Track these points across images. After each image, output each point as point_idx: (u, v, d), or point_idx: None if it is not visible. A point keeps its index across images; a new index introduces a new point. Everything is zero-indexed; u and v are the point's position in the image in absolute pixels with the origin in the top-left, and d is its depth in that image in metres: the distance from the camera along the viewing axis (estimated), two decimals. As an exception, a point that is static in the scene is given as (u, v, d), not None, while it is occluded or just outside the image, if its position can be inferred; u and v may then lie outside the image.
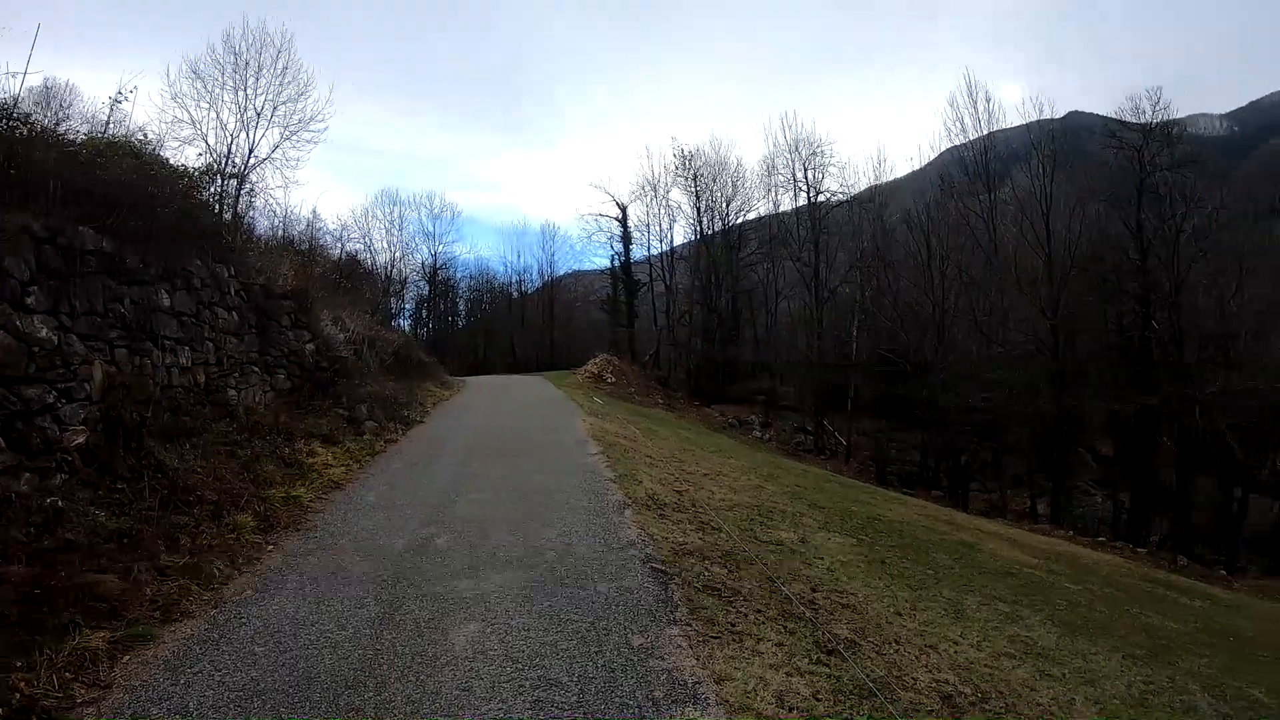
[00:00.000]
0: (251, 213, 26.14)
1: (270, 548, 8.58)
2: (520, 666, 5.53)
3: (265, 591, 7.18)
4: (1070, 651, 9.31)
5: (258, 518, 9.31)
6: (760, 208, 53.89)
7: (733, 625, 6.47)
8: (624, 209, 55.33)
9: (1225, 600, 18.91)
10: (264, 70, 26.90)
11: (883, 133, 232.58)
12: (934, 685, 6.20)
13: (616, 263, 56.79)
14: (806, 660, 5.88)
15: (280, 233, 30.25)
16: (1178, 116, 39.59)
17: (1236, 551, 29.64)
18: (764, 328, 54.96)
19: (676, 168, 53.93)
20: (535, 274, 71.60)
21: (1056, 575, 15.07)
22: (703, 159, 53.14)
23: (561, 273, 71.05)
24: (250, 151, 26.24)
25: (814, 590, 8.18)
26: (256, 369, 14.40)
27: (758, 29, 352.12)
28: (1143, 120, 36.67)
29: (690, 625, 6.34)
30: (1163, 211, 33.86)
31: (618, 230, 55.76)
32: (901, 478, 36.62)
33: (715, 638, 6.14)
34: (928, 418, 35.90)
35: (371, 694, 5.16)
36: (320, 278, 22.93)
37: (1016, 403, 33.60)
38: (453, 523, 9.71)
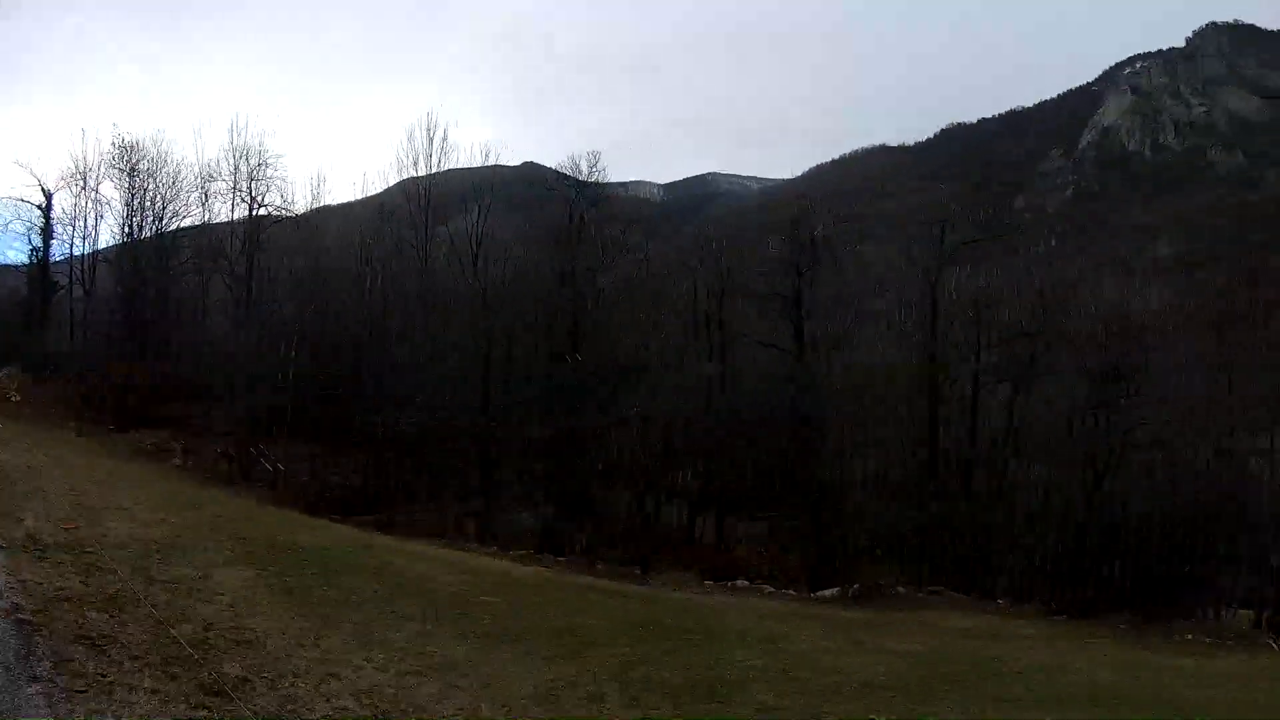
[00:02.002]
0: None
1: None
2: None
3: None
4: (482, 662, 10.07)
5: None
6: (196, 215, 50.54)
7: (103, 676, 6.14)
8: (49, 197, 48.69)
9: (639, 596, 21.56)
10: None
11: (341, 153, 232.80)
12: (332, 713, 6.41)
13: (34, 259, 49.79)
14: (186, 705, 5.78)
15: None
16: (626, 180, 46.26)
17: (651, 552, 33.12)
18: (196, 345, 51.07)
19: (114, 158, 48.28)
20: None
21: (478, 590, 16.11)
22: (142, 153, 48.14)
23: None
24: None
25: (208, 629, 8.02)
26: None
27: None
28: (580, 178, 41.88)
29: (55, 681, 5.96)
30: (586, 259, 38.87)
31: (39, 221, 48.82)
32: (336, 504, 36.48)
33: (81, 692, 5.83)
34: (364, 441, 36.38)
35: None
36: None
37: (451, 425, 35.38)
38: None
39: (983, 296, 36.45)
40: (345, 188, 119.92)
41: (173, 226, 49.66)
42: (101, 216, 51.07)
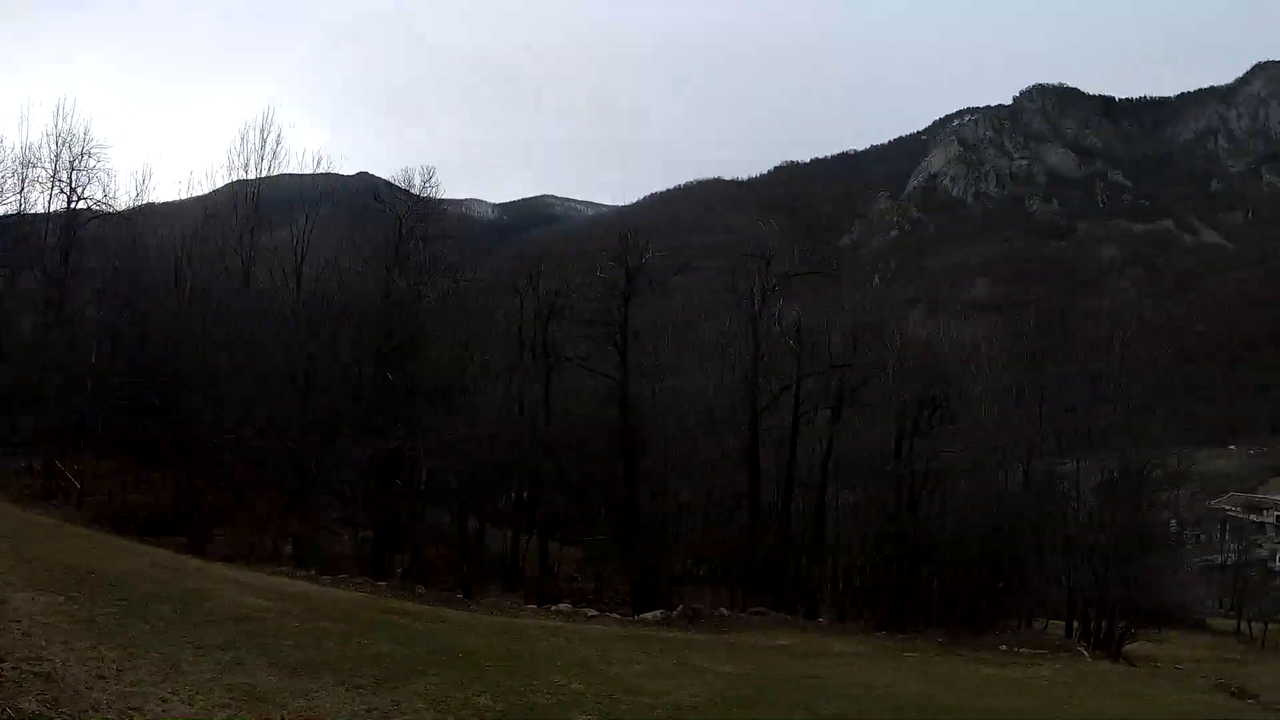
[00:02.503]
0: None
1: None
2: None
3: None
4: (293, 692, 9.87)
5: None
6: (11, 203, 45.73)
7: None
8: None
9: (459, 621, 21.56)
10: None
11: (174, 150, 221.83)
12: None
13: None
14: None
15: None
16: (460, 197, 45.90)
17: (474, 577, 33.74)
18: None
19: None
20: None
21: (290, 617, 15.86)
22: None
23: None
24: None
25: (2, 660, 7.72)
26: None
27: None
28: (413, 191, 41.41)
29: None
30: (412, 275, 38.49)
31: None
32: (145, 523, 34.66)
33: None
34: (176, 457, 34.62)
35: None
36: None
37: (268, 443, 34.18)
38: None
39: (805, 328, 38.13)
40: (173, 186, 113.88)
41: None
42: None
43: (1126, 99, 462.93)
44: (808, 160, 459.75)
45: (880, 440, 38.19)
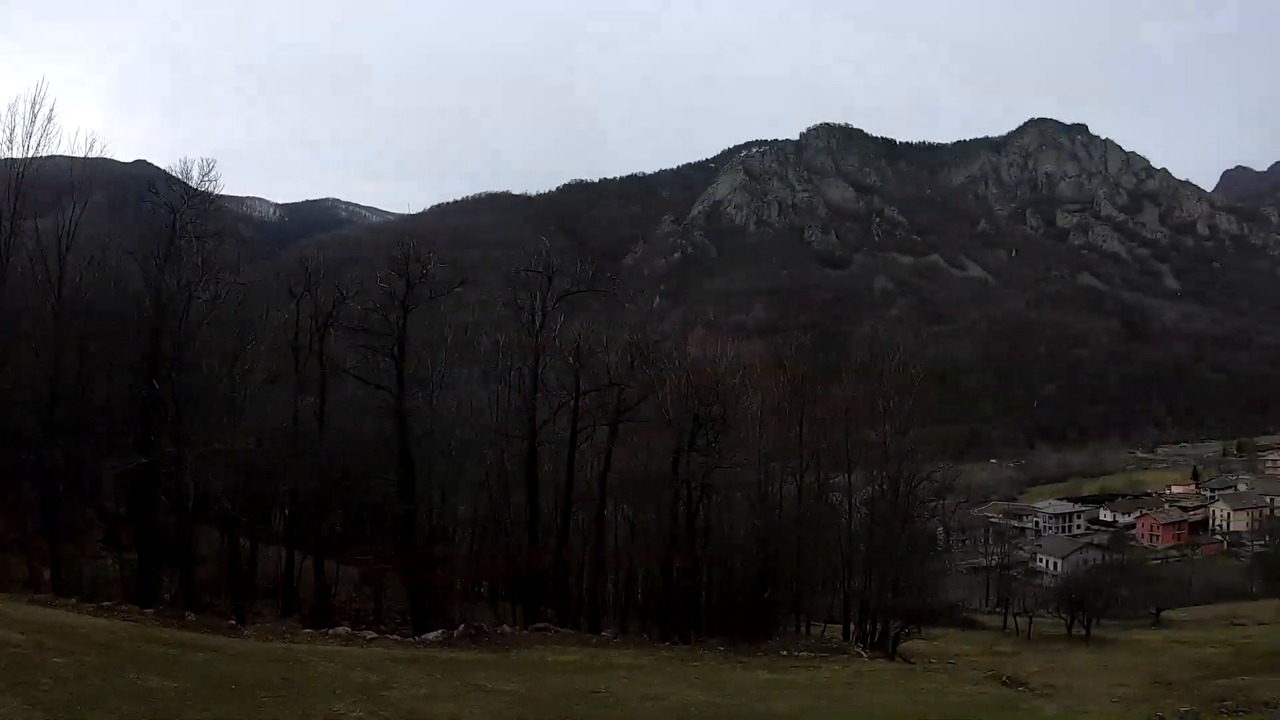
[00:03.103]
0: None
1: None
2: None
3: None
4: None
5: None
6: None
7: None
8: None
9: (232, 649, 20.64)
10: None
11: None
12: None
13: None
14: None
15: None
16: (243, 195, 43.79)
17: (248, 600, 32.78)
18: None
19: None
20: None
21: (46, 651, 14.80)
22: None
23: None
24: None
25: None
26: None
27: None
28: (190, 184, 39.26)
29: None
30: (183, 275, 36.71)
31: None
32: None
33: None
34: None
35: None
36: None
37: (12, 456, 32.06)
38: None
39: (585, 345, 38.74)
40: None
41: None
42: None
43: (907, 142, 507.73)
44: (597, 180, 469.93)
45: (659, 456, 39.65)
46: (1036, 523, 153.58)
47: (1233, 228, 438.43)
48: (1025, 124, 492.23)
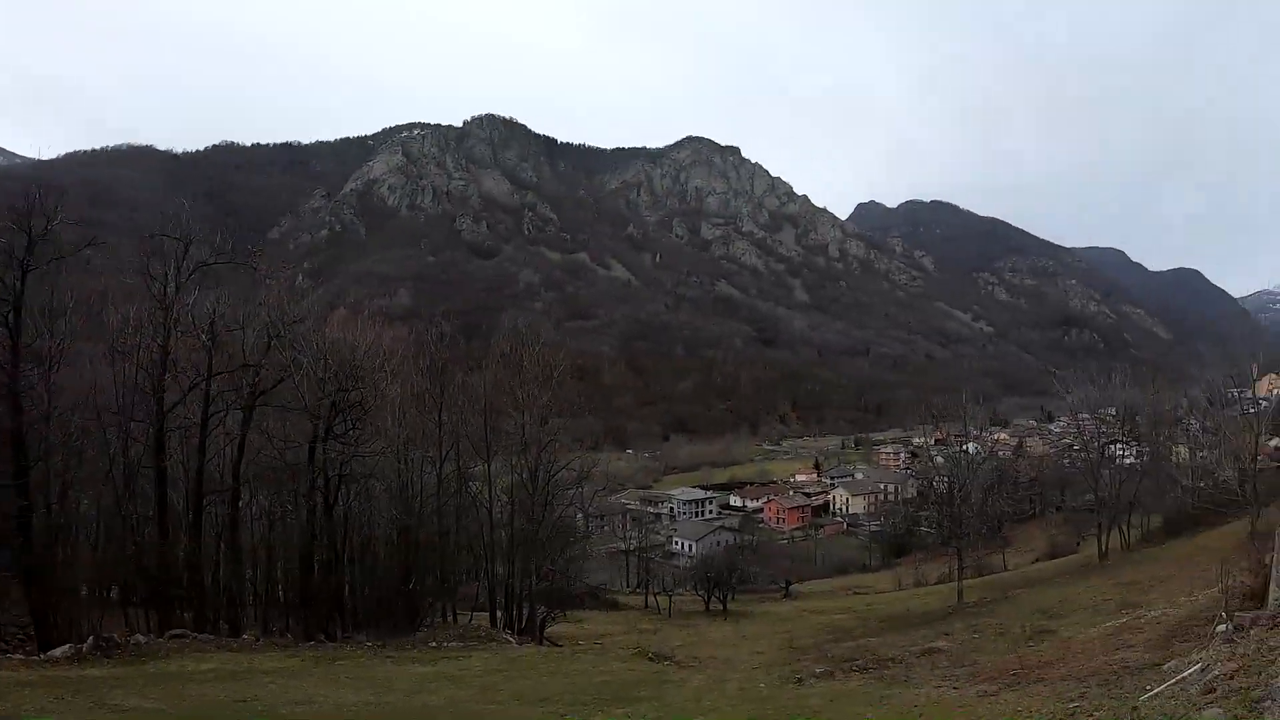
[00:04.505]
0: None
1: None
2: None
3: None
4: None
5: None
6: None
7: None
8: None
9: None
10: None
11: None
12: None
13: None
14: None
15: None
16: None
17: None
18: None
19: None
20: None
21: None
22: None
23: None
24: None
25: None
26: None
27: None
28: None
29: None
30: None
31: None
32: None
33: None
34: None
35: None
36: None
37: None
38: None
39: (220, 321, 36.22)
40: None
41: None
42: None
43: (568, 143, 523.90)
44: (249, 144, 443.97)
45: (296, 444, 37.95)
46: (671, 508, 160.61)
47: (860, 253, 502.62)
48: (683, 140, 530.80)
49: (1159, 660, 16.96)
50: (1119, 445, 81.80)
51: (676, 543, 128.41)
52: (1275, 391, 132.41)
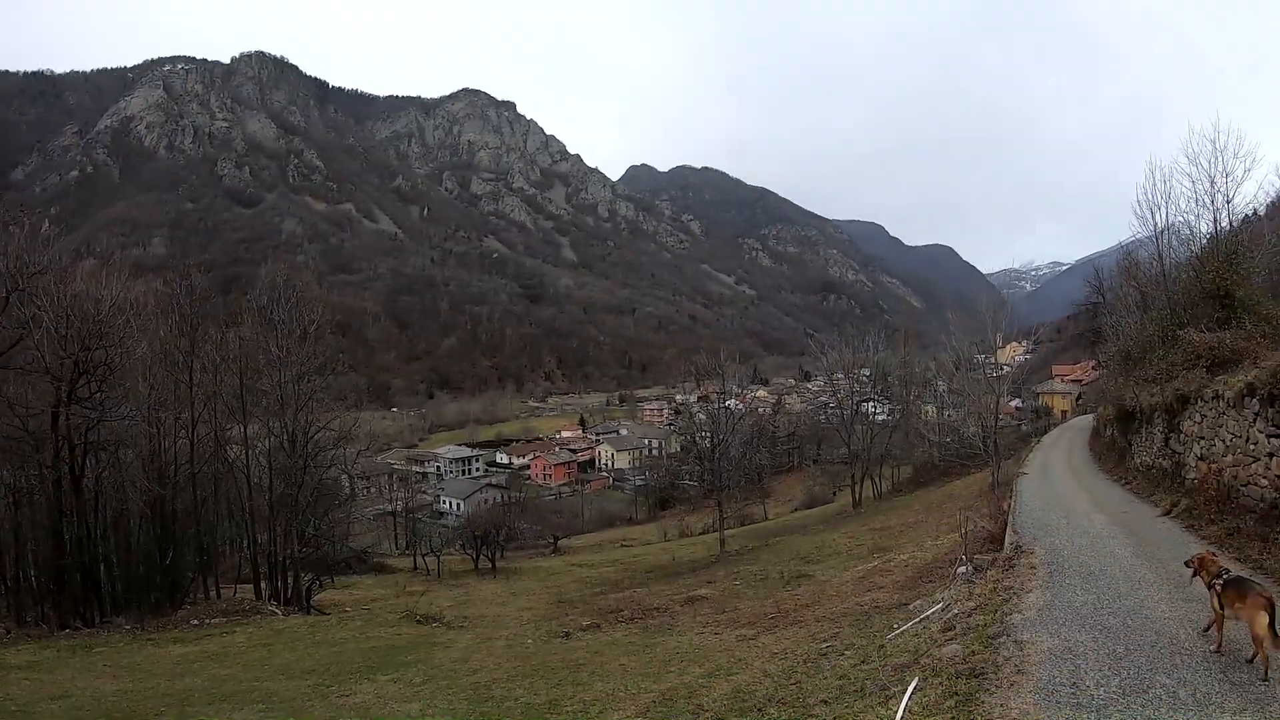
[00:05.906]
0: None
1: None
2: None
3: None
4: None
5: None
6: None
7: None
8: None
9: None
10: None
11: None
12: None
13: None
14: None
15: None
16: None
17: None
18: None
19: None
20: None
21: None
22: None
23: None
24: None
25: None
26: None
27: None
28: None
29: None
30: None
31: None
32: None
33: None
34: None
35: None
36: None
37: None
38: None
39: None
40: None
41: None
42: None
43: (340, 87, 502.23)
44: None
45: (39, 411, 34.30)
46: (438, 467, 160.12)
47: (630, 214, 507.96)
48: (458, 91, 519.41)
49: (906, 600, 17.97)
50: (872, 403, 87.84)
51: (444, 501, 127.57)
52: (1015, 358, 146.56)
